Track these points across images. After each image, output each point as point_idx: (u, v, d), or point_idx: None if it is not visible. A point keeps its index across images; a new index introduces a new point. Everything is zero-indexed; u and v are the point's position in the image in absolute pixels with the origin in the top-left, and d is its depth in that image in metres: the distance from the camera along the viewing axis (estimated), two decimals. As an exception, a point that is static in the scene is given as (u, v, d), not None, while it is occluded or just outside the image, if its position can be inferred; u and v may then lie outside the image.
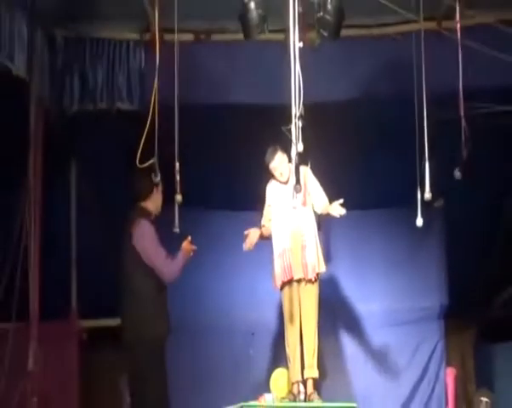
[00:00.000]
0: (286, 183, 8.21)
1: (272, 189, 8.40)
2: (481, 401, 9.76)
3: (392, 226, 9.93)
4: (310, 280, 8.19)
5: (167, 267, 7.27)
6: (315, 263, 8.21)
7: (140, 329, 7.23)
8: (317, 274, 8.23)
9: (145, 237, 7.28)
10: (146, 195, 7.41)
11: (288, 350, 8.30)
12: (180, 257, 7.29)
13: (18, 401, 8.30)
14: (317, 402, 8.11)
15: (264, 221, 8.43)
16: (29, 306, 8.42)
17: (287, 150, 7.18)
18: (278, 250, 8.27)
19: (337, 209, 8.11)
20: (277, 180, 8.32)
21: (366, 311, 9.92)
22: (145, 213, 7.38)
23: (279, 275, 8.23)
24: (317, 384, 8.31)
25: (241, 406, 8.01)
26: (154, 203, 7.43)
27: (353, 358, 9.94)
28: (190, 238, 7.31)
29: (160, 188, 7.37)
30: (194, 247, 7.30)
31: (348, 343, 9.93)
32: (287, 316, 8.26)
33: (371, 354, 9.93)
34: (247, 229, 8.30)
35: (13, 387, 8.39)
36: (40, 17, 8.20)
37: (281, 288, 8.29)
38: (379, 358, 9.93)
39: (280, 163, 8.21)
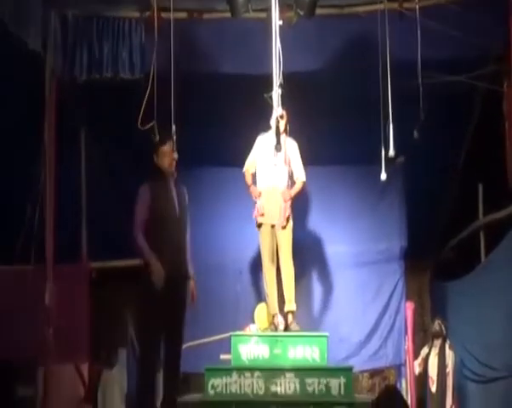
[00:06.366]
0: None
1: (261, 141, 8.45)
2: (435, 322, 9.92)
3: (359, 180, 9.95)
4: (283, 225, 8.27)
5: (136, 235, 7.21)
6: (288, 210, 8.32)
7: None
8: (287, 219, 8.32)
9: (137, 200, 7.28)
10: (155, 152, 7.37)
11: (266, 287, 8.39)
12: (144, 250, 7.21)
13: (36, 332, 8.40)
14: (295, 331, 8.23)
15: (246, 166, 8.58)
16: (45, 250, 8.49)
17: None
18: (260, 189, 8.39)
19: None
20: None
21: (335, 253, 9.95)
22: (159, 170, 7.35)
23: (260, 207, 8.33)
24: (295, 316, 8.41)
25: (229, 335, 8.09)
26: (162, 161, 7.35)
27: (325, 294, 9.98)
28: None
29: (168, 147, 7.26)
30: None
31: (320, 281, 9.97)
32: (265, 256, 8.35)
33: (340, 291, 9.97)
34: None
35: (32, 320, 8.49)
36: (53, -2, 8.24)
37: (259, 227, 8.40)
38: (348, 294, 10.00)
39: None
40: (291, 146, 8.47)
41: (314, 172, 8.81)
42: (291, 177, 8.50)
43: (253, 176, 8.61)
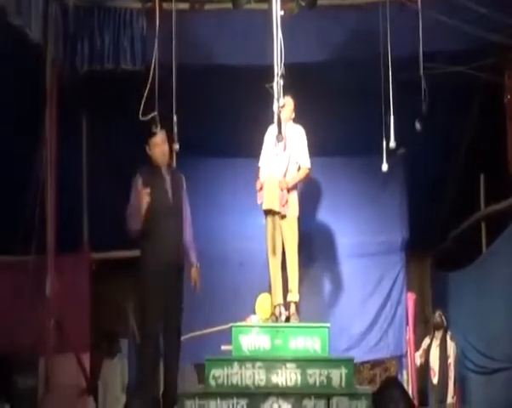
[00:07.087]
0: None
1: (270, 131, 8.42)
2: (436, 313, 9.96)
3: (360, 171, 9.96)
4: (283, 214, 8.25)
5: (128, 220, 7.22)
6: (284, 197, 8.25)
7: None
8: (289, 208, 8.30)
9: (131, 190, 7.27)
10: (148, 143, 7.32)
11: (270, 276, 8.39)
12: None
13: (37, 323, 8.42)
14: (295, 322, 8.25)
15: (260, 162, 8.51)
16: (46, 241, 8.50)
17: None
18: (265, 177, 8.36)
19: None
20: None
21: (337, 244, 9.98)
22: (151, 162, 7.32)
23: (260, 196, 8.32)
24: (297, 307, 8.42)
25: (230, 326, 8.11)
26: (153, 152, 7.30)
27: (326, 285, 10.02)
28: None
29: (159, 139, 7.24)
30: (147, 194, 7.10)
31: (321, 272, 9.99)
32: (270, 246, 8.34)
33: (341, 282, 10.00)
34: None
35: (33, 311, 8.51)
36: (54, -12, 8.22)
37: (266, 217, 8.37)
38: (349, 285, 10.01)
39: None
40: (297, 133, 8.41)
41: (315, 163, 8.81)
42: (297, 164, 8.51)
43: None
